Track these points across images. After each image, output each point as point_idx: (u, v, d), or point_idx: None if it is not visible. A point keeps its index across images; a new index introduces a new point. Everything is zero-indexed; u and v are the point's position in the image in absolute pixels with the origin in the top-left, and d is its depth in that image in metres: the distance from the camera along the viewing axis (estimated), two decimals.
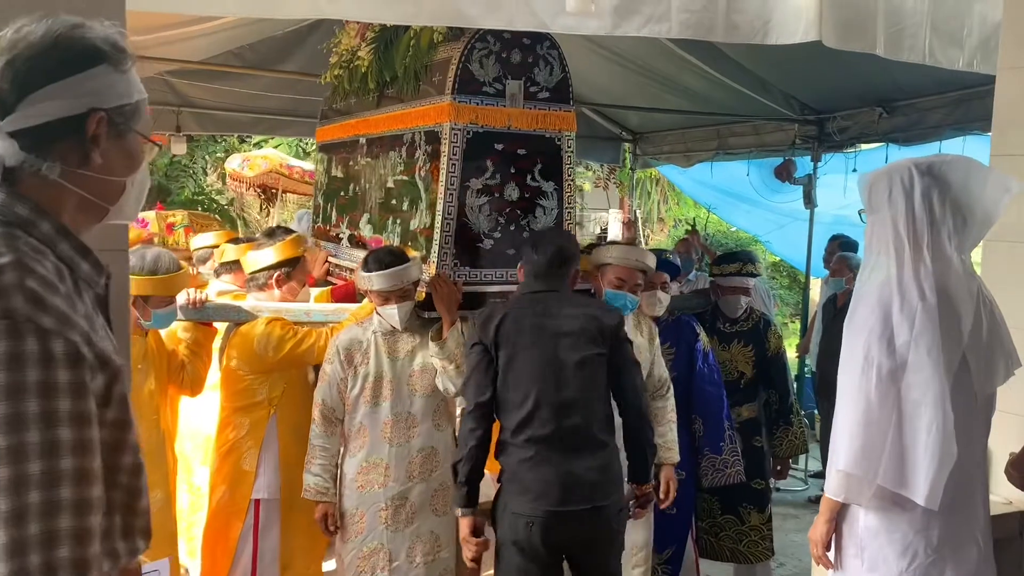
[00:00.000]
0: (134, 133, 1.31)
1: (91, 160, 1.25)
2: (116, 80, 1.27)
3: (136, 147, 1.33)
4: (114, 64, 1.26)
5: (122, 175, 1.31)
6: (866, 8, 3.10)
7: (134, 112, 1.30)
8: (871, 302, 2.14)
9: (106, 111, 1.25)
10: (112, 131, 1.27)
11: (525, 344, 2.69)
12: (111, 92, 1.26)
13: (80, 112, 1.23)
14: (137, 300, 3.01)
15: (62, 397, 1.10)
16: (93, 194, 1.28)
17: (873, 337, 2.10)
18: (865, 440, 2.11)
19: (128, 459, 1.26)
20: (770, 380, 3.96)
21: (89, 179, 1.26)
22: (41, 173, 1.22)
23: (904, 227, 2.13)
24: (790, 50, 3.39)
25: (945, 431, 2.04)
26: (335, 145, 4.22)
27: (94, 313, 1.25)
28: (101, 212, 1.32)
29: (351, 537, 3.10)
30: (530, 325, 2.71)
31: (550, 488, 2.63)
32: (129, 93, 1.29)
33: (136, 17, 4.03)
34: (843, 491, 2.21)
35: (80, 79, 1.22)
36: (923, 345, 2.06)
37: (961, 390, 2.10)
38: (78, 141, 1.24)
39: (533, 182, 3.17)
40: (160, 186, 11.83)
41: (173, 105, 6.47)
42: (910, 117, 5.56)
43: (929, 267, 2.11)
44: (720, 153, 7.18)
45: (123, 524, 1.28)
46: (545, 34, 3.09)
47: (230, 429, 3.31)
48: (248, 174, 8.76)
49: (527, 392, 2.67)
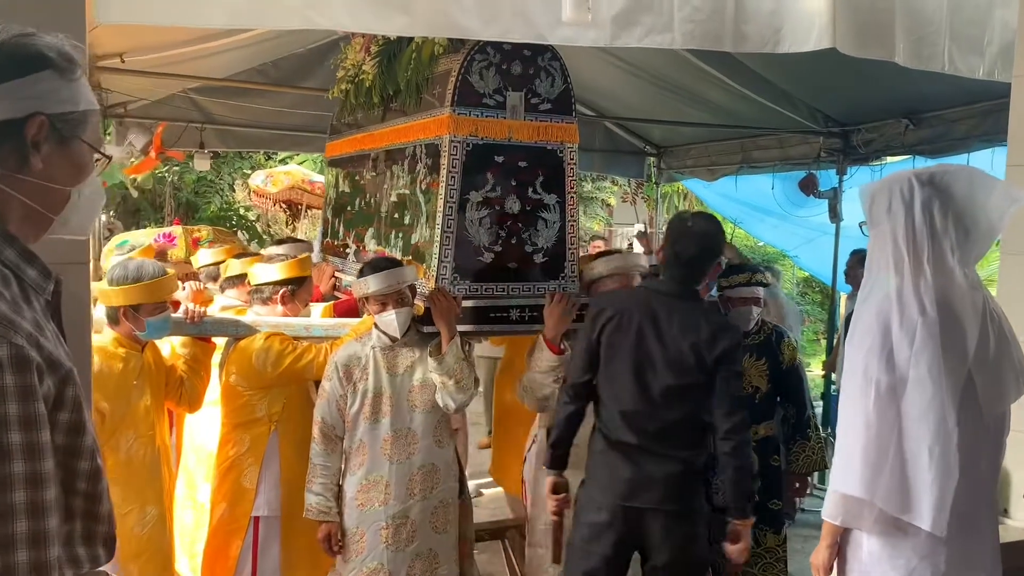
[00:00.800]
0: (79, 142, 1.29)
1: (31, 164, 1.24)
2: (61, 87, 1.25)
3: (82, 157, 1.31)
4: (60, 71, 1.25)
5: (66, 183, 1.29)
6: (883, 14, 3.00)
7: (80, 121, 1.29)
8: (870, 318, 2.05)
9: (48, 116, 1.24)
10: (54, 136, 1.25)
11: (625, 352, 2.71)
12: (54, 98, 1.24)
13: (20, 116, 1.22)
14: (128, 311, 3.01)
15: (9, 401, 1.10)
16: (35, 201, 1.26)
17: (872, 354, 2.01)
18: (864, 461, 2.02)
19: (85, 464, 1.26)
20: (786, 394, 3.85)
21: (29, 184, 1.25)
22: None
23: (904, 240, 2.04)
24: (813, 62, 3.31)
25: (947, 452, 1.95)
26: (342, 160, 4.22)
27: (44, 319, 1.24)
28: (45, 222, 1.30)
29: (352, 556, 3.06)
30: (635, 332, 2.71)
31: (622, 483, 2.71)
32: (75, 101, 1.28)
33: (157, 33, 4.12)
34: (840, 514, 2.12)
35: (22, 83, 1.21)
36: (924, 362, 1.97)
37: (967, 409, 2.00)
38: (18, 145, 1.23)
39: (535, 194, 3.13)
40: (188, 202, 12.01)
41: (197, 122, 6.53)
42: (937, 129, 5.41)
43: (930, 281, 2.02)
44: (744, 166, 7.07)
45: (84, 530, 1.28)
46: (547, 45, 3.05)
47: (230, 446, 3.29)
48: (271, 190, 8.85)
49: (617, 396, 2.73)
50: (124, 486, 3.00)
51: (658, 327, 2.70)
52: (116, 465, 2.99)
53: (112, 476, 3.00)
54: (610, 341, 2.72)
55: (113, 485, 3.07)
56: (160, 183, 11.59)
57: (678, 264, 2.76)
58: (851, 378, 2.08)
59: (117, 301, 2.99)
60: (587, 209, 14.90)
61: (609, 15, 2.68)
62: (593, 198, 15.13)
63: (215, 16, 2.28)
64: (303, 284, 3.45)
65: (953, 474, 1.95)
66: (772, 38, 2.91)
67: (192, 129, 6.57)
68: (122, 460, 3.01)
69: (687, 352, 2.68)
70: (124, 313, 3.00)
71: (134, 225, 10.32)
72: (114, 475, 2.97)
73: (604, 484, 2.74)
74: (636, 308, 2.74)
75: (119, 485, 2.99)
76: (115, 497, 3.01)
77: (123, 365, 3.02)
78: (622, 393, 2.71)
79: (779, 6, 2.80)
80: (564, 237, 3.17)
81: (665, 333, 2.69)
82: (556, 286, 3.15)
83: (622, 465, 2.72)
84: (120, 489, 3.00)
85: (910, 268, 2.04)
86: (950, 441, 1.95)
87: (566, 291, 3.14)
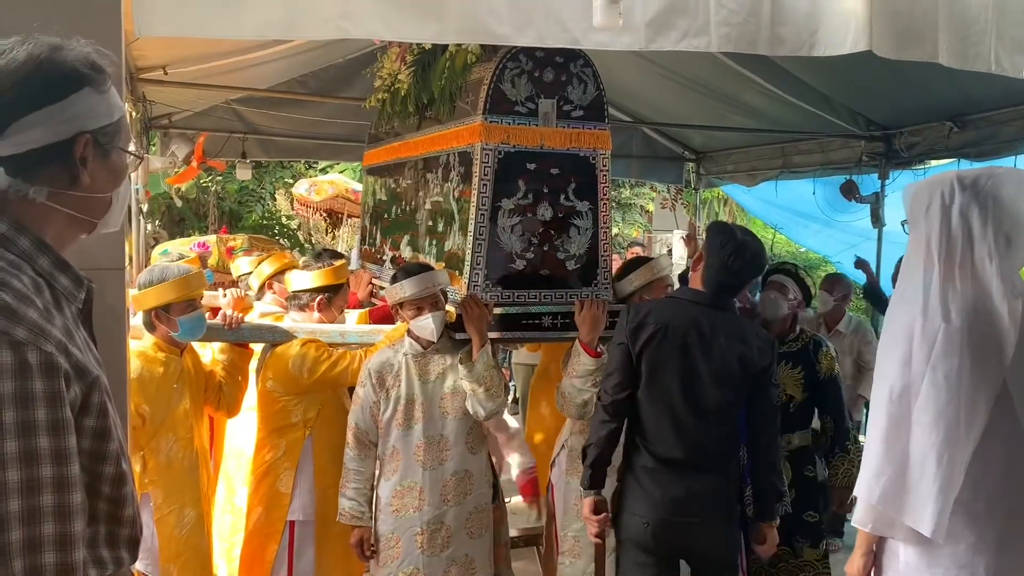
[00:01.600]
0: (118, 150, 1.34)
1: (80, 181, 1.29)
2: (97, 102, 1.29)
3: (120, 163, 1.35)
4: (95, 86, 1.28)
5: (108, 191, 1.34)
6: (924, 15, 2.95)
7: (116, 130, 1.33)
8: (895, 322, 2.03)
9: (91, 133, 1.28)
10: (98, 151, 1.30)
11: (670, 365, 2.68)
12: (94, 114, 1.28)
13: (67, 137, 1.26)
14: (159, 313, 3.06)
15: (38, 406, 1.13)
16: (81, 211, 1.31)
17: (892, 359, 1.99)
18: (880, 468, 1.99)
19: (110, 469, 1.28)
20: (823, 405, 3.76)
21: (77, 198, 1.29)
22: (28, 197, 1.24)
23: (936, 244, 2.01)
24: (853, 64, 3.26)
25: (955, 461, 1.91)
26: (379, 168, 4.27)
27: (75, 327, 1.27)
28: (89, 226, 1.35)
29: (386, 562, 3.07)
30: (680, 346, 2.68)
31: (671, 499, 2.69)
32: (110, 113, 1.31)
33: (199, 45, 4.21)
34: (870, 521, 2.09)
35: (65, 105, 1.25)
36: (941, 369, 1.93)
37: (1004, 420, 1.95)
38: (66, 164, 1.27)
39: (567, 201, 3.12)
40: (231, 211, 12.20)
41: (239, 132, 6.65)
42: (982, 131, 5.29)
43: (959, 287, 1.98)
44: (785, 171, 6.99)
45: (107, 533, 1.30)
46: (579, 52, 3.04)
47: (266, 450, 3.33)
48: (315, 199, 8.94)
49: (660, 411, 2.70)
50: (165, 488, 3.06)
51: (703, 339, 2.67)
52: (157, 467, 3.05)
53: (153, 478, 3.10)
54: (655, 356, 2.67)
55: (155, 487, 3.16)
56: (203, 193, 11.81)
57: (722, 275, 2.72)
58: (876, 386, 2.07)
59: (147, 304, 3.05)
60: (625, 215, 14.84)
61: (644, 19, 2.66)
62: (632, 204, 15.05)
63: (249, 28, 2.30)
64: (339, 291, 3.49)
65: (957, 482, 1.92)
66: (808, 41, 2.87)
67: (234, 139, 6.70)
68: (162, 462, 3.06)
69: (734, 364, 2.67)
70: (156, 315, 3.05)
71: (179, 234, 10.52)
72: (155, 477, 3.04)
73: (651, 500, 2.70)
74: (678, 320, 2.70)
75: (160, 487, 3.06)
76: (156, 499, 3.09)
77: (163, 369, 3.07)
78: (672, 408, 2.68)
79: (815, 8, 2.76)
80: (597, 244, 3.16)
81: (711, 345, 2.67)
82: (589, 293, 3.14)
83: (670, 480, 2.69)
84: (161, 491, 3.06)
85: (939, 273, 2.00)
86: (962, 450, 1.92)
87: (599, 298, 3.13)
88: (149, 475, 3.03)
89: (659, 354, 2.67)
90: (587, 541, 3.12)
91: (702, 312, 2.71)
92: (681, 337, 2.67)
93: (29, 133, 1.22)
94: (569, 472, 3.21)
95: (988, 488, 1.99)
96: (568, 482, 3.21)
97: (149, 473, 3.04)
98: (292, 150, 7.54)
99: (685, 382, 2.67)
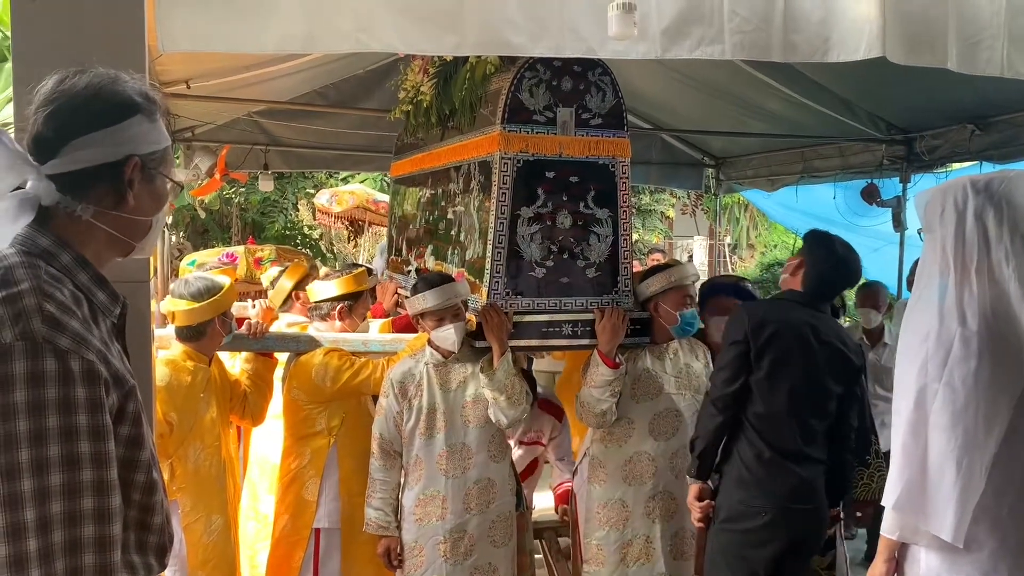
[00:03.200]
0: (163, 176, 1.41)
1: (126, 202, 1.36)
2: (149, 129, 1.37)
3: (163, 189, 1.43)
4: (147, 114, 1.36)
5: (149, 215, 1.41)
6: (935, 21, 2.95)
7: (163, 157, 1.41)
8: (911, 328, 2.03)
9: (140, 157, 1.35)
10: (145, 176, 1.37)
11: (791, 362, 2.81)
12: (145, 140, 1.36)
13: (118, 159, 1.33)
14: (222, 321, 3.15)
15: (80, 412, 1.18)
16: (122, 232, 1.38)
17: (911, 364, 1.99)
18: (899, 473, 1.99)
19: (141, 476, 1.33)
20: None
21: (120, 219, 1.36)
22: (75, 214, 1.31)
23: (952, 248, 2.00)
24: (871, 69, 3.26)
25: (974, 464, 1.91)
26: (405, 179, 4.31)
27: (110, 340, 1.33)
28: (127, 248, 1.42)
29: (411, 570, 3.10)
30: (799, 345, 2.82)
31: (788, 488, 2.81)
32: (159, 140, 1.39)
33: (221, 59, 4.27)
34: (897, 529, 2.08)
35: (119, 128, 1.33)
36: (957, 373, 1.93)
37: None
38: (114, 185, 1.34)
39: (587, 209, 3.14)
40: (254, 222, 12.32)
41: (261, 144, 6.73)
42: (1005, 134, 5.25)
43: (975, 291, 1.97)
44: (805, 176, 6.96)
45: (137, 540, 1.35)
46: (597, 60, 3.06)
47: (292, 458, 3.37)
48: (336, 209, 9.01)
49: (780, 404, 2.80)
50: (192, 496, 3.11)
51: (817, 337, 2.82)
52: (184, 475, 3.10)
53: (181, 485, 3.14)
54: (779, 352, 2.79)
55: (182, 495, 3.21)
56: (226, 204, 11.93)
57: (822, 284, 2.90)
58: (897, 393, 2.06)
59: (203, 316, 3.10)
60: (646, 222, 14.81)
61: (659, 28, 2.69)
62: (652, 210, 15.03)
63: (270, 43, 2.35)
64: (359, 299, 3.53)
65: (978, 487, 1.91)
66: (821, 47, 2.88)
67: (257, 151, 6.77)
68: (190, 470, 3.11)
69: (841, 360, 2.85)
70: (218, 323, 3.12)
71: (202, 245, 10.65)
72: (183, 484, 3.09)
73: (767, 489, 2.81)
74: (793, 319, 2.85)
75: (188, 495, 3.10)
76: (184, 506, 3.14)
77: (191, 378, 3.12)
78: (794, 401, 2.81)
79: (828, 15, 2.77)
80: (617, 251, 3.17)
81: (824, 343, 2.83)
82: (609, 300, 3.15)
83: (787, 470, 2.82)
84: (189, 499, 3.11)
85: (955, 278, 2.00)
86: (982, 454, 1.91)
87: (619, 305, 3.14)
88: (177, 483, 3.08)
89: (782, 350, 2.80)
90: (610, 549, 3.14)
91: (808, 313, 2.87)
92: (800, 334, 2.82)
93: (83, 153, 1.30)
94: (591, 480, 3.22)
95: (1012, 494, 1.98)
96: (590, 490, 3.22)
97: (177, 480, 3.08)
98: (313, 161, 7.61)
99: (807, 376, 2.81)
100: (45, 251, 1.28)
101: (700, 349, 3.33)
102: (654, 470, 3.14)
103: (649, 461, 3.15)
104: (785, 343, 2.80)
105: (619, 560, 3.14)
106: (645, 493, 3.15)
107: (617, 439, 3.17)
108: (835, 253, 2.91)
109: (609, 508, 3.17)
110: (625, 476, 3.15)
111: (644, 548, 3.14)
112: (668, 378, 3.19)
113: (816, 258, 2.91)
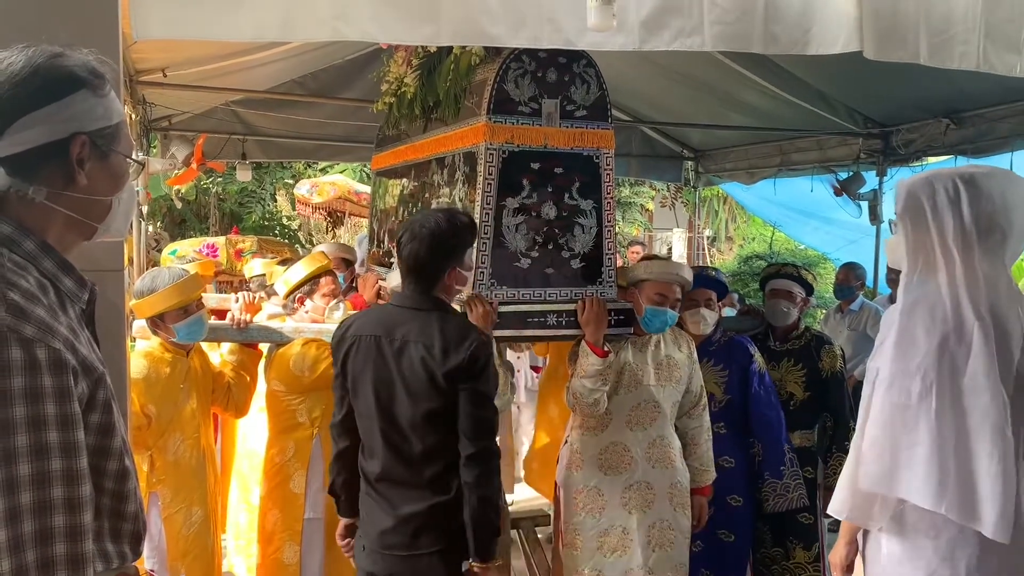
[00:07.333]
0: (117, 154, 1.36)
1: (76, 182, 1.31)
2: (95, 104, 1.31)
3: (120, 167, 1.38)
4: (92, 89, 1.31)
5: (107, 194, 1.36)
6: (907, 16, 2.97)
7: (115, 134, 1.35)
8: (918, 320, 2.00)
9: (88, 134, 1.30)
10: (95, 153, 1.32)
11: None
12: (91, 116, 1.31)
13: (63, 137, 1.28)
14: (156, 322, 3.09)
15: (48, 401, 1.16)
16: (80, 213, 1.33)
17: (928, 357, 1.96)
18: (873, 456, 2.00)
19: (113, 464, 1.31)
20: (825, 403, 3.76)
21: (75, 200, 1.32)
22: (28, 196, 1.27)
23: (951, 239, 2.00)
24: (849, 63, 3.28)
25: (1007, 456, 1.90)
26: (387, 171, 4.29)
27: (79, 327, 1.30)
28: (89, 230, 1.37)
29: None
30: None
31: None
32: (108, 116, 1.34)
33: (198, 47, 4.23)
34: (846, 510, 2.11)
35: (61, 105, 1.27)
36: (981, 368, 1.92)
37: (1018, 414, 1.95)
38: (63, 164, 1.29)
39: (571, 200, 3.14)
40: (232, 212, 12.22)
41: (239, 134, 6.67)
42: (979, 127, 5.34)
43: (965, 283, 1.98)
44: (783, 169, 7.04)
45: (111, 527, 1.33)
46: (582, 52, 3.07)
47: (276, 451, 3.36)
48: (316, 200, 8.96)
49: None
50: (173, 488, 3.10)
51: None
52: (164, 466, 3.08)
53: (161, 477, 3.13)
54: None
55: (163, 486, 3.18)
56: (204, 194, 11.82)
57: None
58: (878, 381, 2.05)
59: (143, 313, 3.08)
60: (625, 214, 14.85)
61: (638, 19, 2.68)
62: (631, 203, 15.07)
63: (246, 30, 2.32)
64: (317, 281, 3.52)
65: (1013, 479, 1.89)
66: (801, 39, 2.90)
67: (234, 140, 6.71)
68: (170, 462, 3.09)
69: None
70: (153, 323, 3.09)
71: (180, 235, 10.54)
72: (163, 476, 3.08)
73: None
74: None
75: (168, 487, 3.09)
76: (164, 498, 3.12)
77: (170, 369, 3.10)
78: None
79: (808, 8, 2.79)
80: (601, 242, 3.18)
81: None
82: (594, 291, 3.17)
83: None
84: (169, 491, 3.09)
85: (946, 269, 2.00)
86: (1010, 445, 1.90)
87: (603, 296, 3.15)
88: (157, 474, 3.07)
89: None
90: (587, 535, 3.16)
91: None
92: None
93: (27, 133, 1.25)
94: (569, 466, 3.24)
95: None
96: (568, 475, 3.24)
97: (157, 472, 3.07)
98: (292, 151, 7.55)
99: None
100: (7, 238, 1.25)
101: (684, 340, 3.34)
102: (629, 460, 3.17)
103: (624, 451, 3.17)
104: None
105: (596, 548, 3.16)
106: (621, 483, 3.17)
107: (593, 428, 3.20)
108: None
109: (586, 494, 3.19)
110: (600, 464, 3.17)
111: (621, 540, 3.16)
112: (648, 369, 3.21)
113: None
